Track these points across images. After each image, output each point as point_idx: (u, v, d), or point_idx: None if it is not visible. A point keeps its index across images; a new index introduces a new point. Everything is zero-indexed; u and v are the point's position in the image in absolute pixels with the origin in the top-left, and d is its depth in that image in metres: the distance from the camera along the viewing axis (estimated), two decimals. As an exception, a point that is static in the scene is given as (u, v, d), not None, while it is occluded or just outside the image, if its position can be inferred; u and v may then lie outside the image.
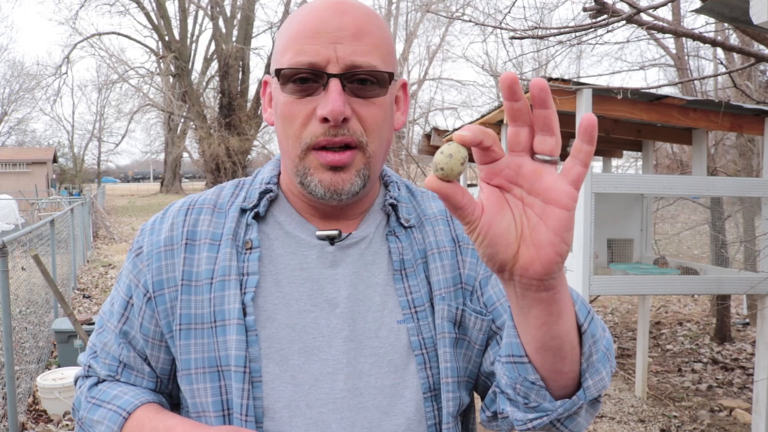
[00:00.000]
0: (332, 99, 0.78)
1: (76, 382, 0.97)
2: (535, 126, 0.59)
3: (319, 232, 0.88)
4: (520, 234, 0.61)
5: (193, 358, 0.84)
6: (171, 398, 0.94)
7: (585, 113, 0.57)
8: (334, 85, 0.78)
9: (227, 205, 0.91)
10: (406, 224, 0.91)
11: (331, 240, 0.87)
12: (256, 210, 0.89)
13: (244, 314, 0.83)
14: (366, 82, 0.81)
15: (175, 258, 0.87)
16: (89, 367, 0.93)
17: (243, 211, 0.89)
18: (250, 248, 0.86)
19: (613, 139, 5.11)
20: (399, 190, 0.95)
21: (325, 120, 0.79)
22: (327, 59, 0.79)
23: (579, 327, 0.72)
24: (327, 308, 0.85)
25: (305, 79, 0.80)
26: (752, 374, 4.45)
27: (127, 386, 0.90)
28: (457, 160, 0.58)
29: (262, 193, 0.90)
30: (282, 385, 0.82)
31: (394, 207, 0.92)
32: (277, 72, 0.82)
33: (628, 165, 11.65)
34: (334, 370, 0.83)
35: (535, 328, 0.68)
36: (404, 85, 0.93)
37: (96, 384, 0.92)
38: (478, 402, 0.96)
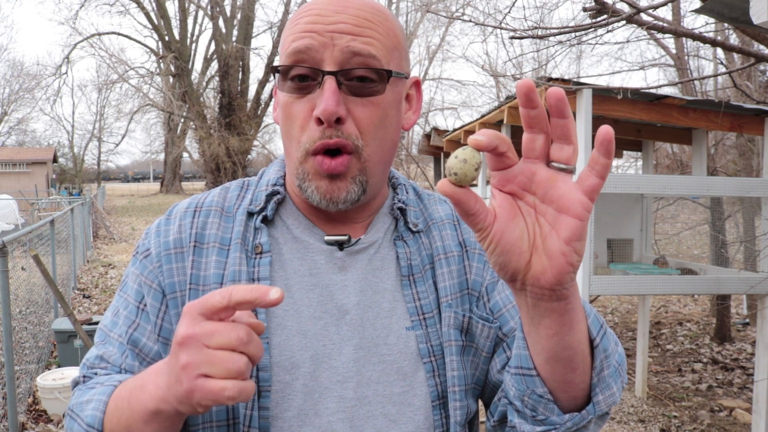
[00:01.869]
0: (325, 98, 0.76)
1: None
2: (552, 134, 0.58)
3: (327, 237, 0.86)
4: (532, 243, 0.60)
5: None
6: None
7: (602, 126, 0.57)
8: (329, 83, 0.76)
9: (234, 207, 0.89)
10: (414, 229, 0.89)
11: (340, 245, 0.86)
12: (264, 213, 0.87)
13: None
14: (365, 79, 0.78)
15: (185, 261, 0.84)
16: (84, 376, 0.86)
17: (250, 214, 0.87)
18: (260, 253, 0.84)
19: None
20: (407, 193, 0.93)
21: (320, 121, 0.77)
22: (323, 46, 0.77)
23: (591, 341, 0.71)
24: (337, 315, 0.83)
25: (302, 77, 0.79)
26: (752, 374, 4.45)
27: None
28: (471, 166, 0.58)
29: (269, 196, 0.88)
30: (292, 394, 0.80)
31: (402, 211, 0.90)
32: (274, 70, 0.81)
33: (628, 165, 11.66)
34: (343, 378, 0.81)
35: (546, 338, 0.67)
36: (417, 83, 0.90)
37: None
38: (480, 405, 0.96)
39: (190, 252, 0.85)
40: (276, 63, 0.82)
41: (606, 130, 0.56)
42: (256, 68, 55.57)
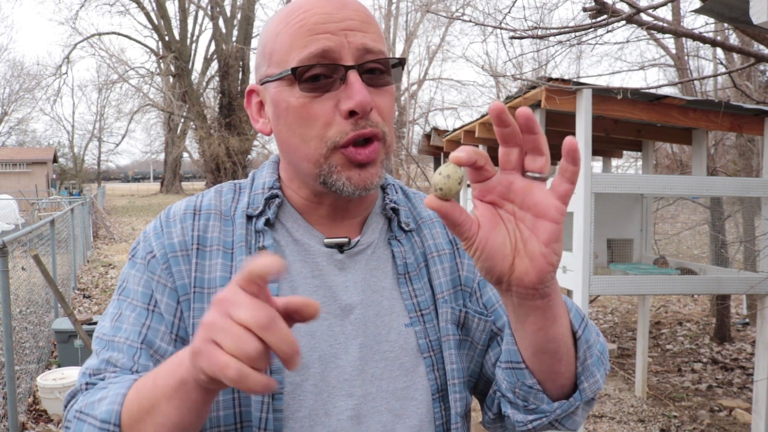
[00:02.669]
0: (357, 90, 0.77)
1: (66, 406, 0.82)
2: (525, 148, 0.64)
3: (327, 240, 0.87)
4: (514, 247, 0.66)
5: None
6: None
7: (567, 137, 0.63)
8: (354, 76, 0.78)
9: (231, 211, 0.89)
10: (406, 228, 0.91)
11: (340, 247, 0.87)
12: (265, 217, 0.87)
13: None
14: (376, 71, 0.81)
15: (190, 263, 0.84)
16: (87, 384, 0.81)
17: (249, 217, 0.87)
18: None
19: (613, 139, 5.11)
20: (396, 193, 0.95)
21: (350, 114, 0.78)
22: (341, 45, 0.78)
23: (574, 333, 0.76)
24: (341, 315, 0.85)
25: (319, 76, 0.79)
26: (752, 374, 4.45)
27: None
28: (454, 180, 0.63)
29: (269, 199, 0.88)
30: (303, 395, 0.81)
31: (395, 211, 0.92)
32: (293, 71, 0.79)
33: (628, 165, 11.65)
34: (350, 376, 0.83)
35: (532, 333, 0.72)
36: None
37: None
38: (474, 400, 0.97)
39: (194, 255, 0.84)
40: (277, 66, 0.81)
41: (570, 141, 0.62)
42: (256, 68, 55.44)
